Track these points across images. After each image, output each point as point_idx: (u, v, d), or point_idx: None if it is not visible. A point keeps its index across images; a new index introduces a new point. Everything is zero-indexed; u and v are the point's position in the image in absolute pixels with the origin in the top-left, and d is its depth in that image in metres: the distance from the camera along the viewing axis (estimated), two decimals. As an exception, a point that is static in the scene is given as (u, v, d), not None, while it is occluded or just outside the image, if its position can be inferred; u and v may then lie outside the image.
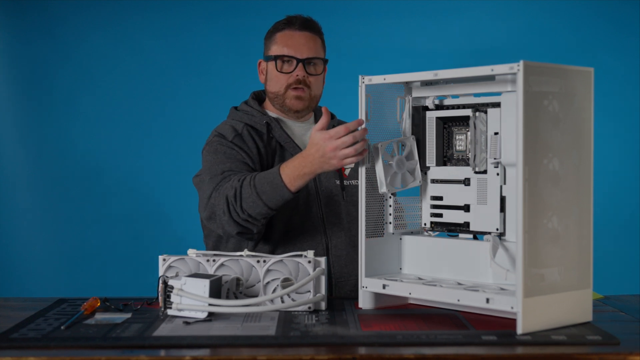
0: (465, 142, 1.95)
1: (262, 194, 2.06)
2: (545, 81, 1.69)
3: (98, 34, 4.09)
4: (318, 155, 1.97)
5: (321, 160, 1.97)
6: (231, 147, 2.27)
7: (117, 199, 4.10)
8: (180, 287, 1.83)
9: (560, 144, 1.72)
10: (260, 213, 2.09)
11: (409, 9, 4.07)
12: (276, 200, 2.07)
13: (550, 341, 1.62)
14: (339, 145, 1.92)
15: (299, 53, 2.34)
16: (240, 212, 2.10)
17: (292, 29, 2.36)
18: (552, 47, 4.01)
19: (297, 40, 2.35)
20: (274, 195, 2.06)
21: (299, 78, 2.33)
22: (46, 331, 1.74)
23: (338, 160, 1.94)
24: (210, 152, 2.29)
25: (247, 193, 2.08)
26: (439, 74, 1.83)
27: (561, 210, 1.72)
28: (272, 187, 2.05)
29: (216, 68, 4.07)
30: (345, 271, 2.33)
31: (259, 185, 2.07)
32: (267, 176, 2.07)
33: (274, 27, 2.40)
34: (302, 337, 1.66)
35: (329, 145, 1.93)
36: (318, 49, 2.38)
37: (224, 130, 2.33)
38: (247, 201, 2.08)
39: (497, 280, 1.84)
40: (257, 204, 2.07)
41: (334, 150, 1.93)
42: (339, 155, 1.93)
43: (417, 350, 1.58)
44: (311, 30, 2.37)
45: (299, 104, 2.36)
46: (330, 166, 1.97)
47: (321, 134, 1.95)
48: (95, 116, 4.10)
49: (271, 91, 2.38)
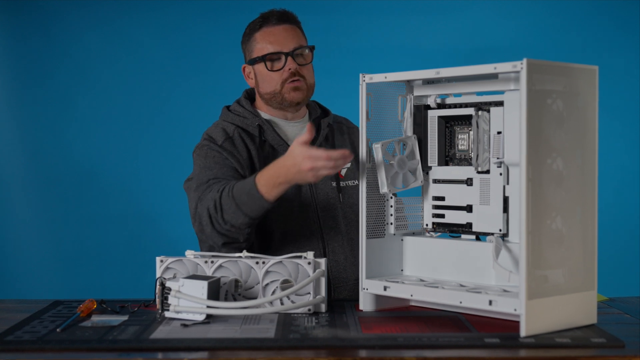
0: (468, 141, 1.93)
1: (241, 205, 2.03)
2: (549, 79, 1.68)
3: (94, 33, 4.08)
4: (294, 170, 1.93)
5: (296, 174, 1.94)
6: (220, 152, 2.24)
7: (114, 199, 4.08)
8: (177, 288, 1.82)
9: (564, 143, 1.71)
10: (243, 223, 2.06)
11: (410, 6, 4.05)
12: (256, 210, 2.03)
13: (554, 344, 1.61)
14: (317, 167, 1.89)
15: (285, 47, 2.29)
16: (222, 223, 2.07)
17: (270, 25, 2.31)
18: (555, 45, 4.00)
19: (278, 35, 2.30)
20: (252, 205, 2.02)
21: (292, 71, 2.29)
22: (42, 334, 1.73)
23: (314, 178, 1.93)
24: (200, 155, 2.27)
25: (227, 204, 2.05)
26: (441, 72, 1.82)
27: (565, 211, 1.71)
28: (249, 198, 2.02)
29: (214, 68, 4.06)
30: (343, 275, 2.30)
31: (237, 196, 2.04)
32: (244, 186, 2.04)
33: (249, 29, 2.35)
34: (302, 340, 1.65)
35: (307, 164, 1.90)
36: (301, 37, 2.33)
37: (214, 133, 2.30)
38: (227, 212, 2.05)
39: (500, 282, 1.82)
40: (237, 214, 2.04)
41: (310, 170, 1.90)
42: (316, 174, 1.91)
43: (419, 353, 1.57)
44: (289, 22, 2.33)
45: (298, 95, 2.31)
46: (305, 181, 1.96)
47: (302, 150, 1.91)
48: (92, 116, 4.08)
49: (266, 92, 2.33)
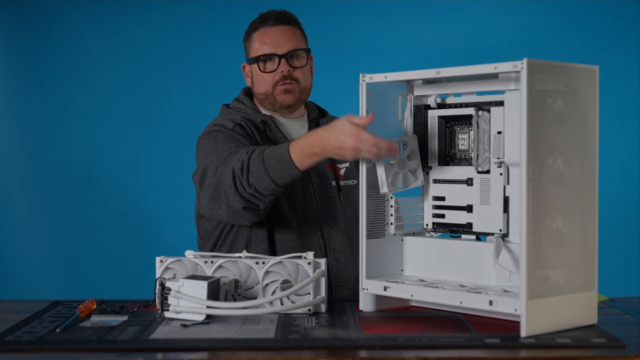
0: (468, 141, 1.93)
1: (270, 170, 1.98)
2: (550, 79, 1.68)
3: (94, 32, 4.07)
4: (336, 145, 1.87)
5: (336, 149, 1.88)
6: (233, 135, 2.21)
7: (114, 199, 4.08)
8: (177, 289, 1.82)
9: (565, 143, 1.70)
10: (267, 189, 2.01)
11: (410, 6, 4.05)
12: (284, 178, 1.98)
13: (555, 344, 1.61)
14: (360, 149, 1.84)
15: (279, 49, 2.28)
16: (246, 186, 2.01)
17: (267, 25, 2.30)
18: (555, 45, 4.00)
19: (274, 36, 2.29)
20: (281, 171, 1.97)
21: (284, 74, 2.28)
22: (41, 334, 1.72)
23: (353, 157, 1.88)
24: (210, 139, 2.22)
25: (254, 166, 2.00)
26: (441, 72, 1.81)
27: (566, 211, 1.70)
28: (280, 164, 1.97)
29: (214, 68, 4.05)
30: (344, 274, 2.30)
31: (268, 160, 1.98)
32: (276, 151, 1.99)
33: (249, 28, 2.35)
34: (302, 340, 1.65)
35: (352, 143, 1.84)
36: (298, 40, 2.32)
37: (222, 122, 2.27)
38: (254, 175, 2.00)
39: (501, 282, 1.82)
40: (264, 179, 1.99)
41: (353, 149, 1.85)
42: (356, 155, 1.86)
43: (419, 353, 1.57)
44: (287, 23, 2.32)
45: (289, 98, 2.30)
46: (342, 157, 1.90)
47: (351, 128, 1.84)
48: (92, 116, 4.08)
49: (259, 92, 2.33)
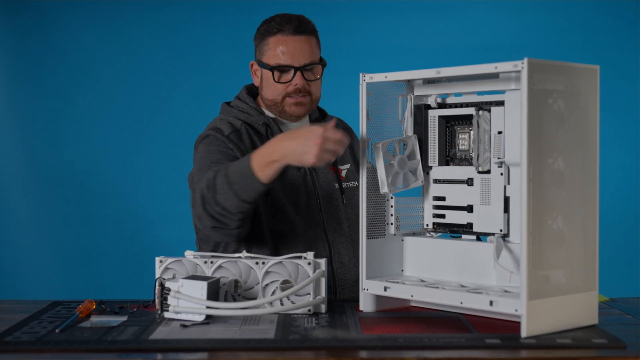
0: (469, 141, 1.93)
1: (234, 184, 1.95)
2: (550, 79, 1.67)
3: (94, 32, 4.07)
4: (301, 141, 1.85)
5: (299, 147, 1.85)
6: (225, 143, 2.20)
7: (114, 200, 4.08)
8: (177, 289, 1.81)
9: (566, 143, 1.70)
10: (234, 205, 1.98)
11: (410, 6, 4.05)
12: (248, 192, 1.96)
13: (555, 344, 1.60)
14: (328, 137, 1.83)
15: (296, 61, 2.23)
16: (214, 204, 1.99)
17: (286, 33, 2.23)
18: (556, 44, 4.00)
19: (292, 47, 2.23)
20: (244, 185, 1.95)
21: (298, 87, 2.24)
22: (40, 334, 1.72)
23: (315, 158, 1.84)
24: (204, 144, 2.22)
25: (220, 183, 1.97)
26: (441, 72, 1.81)
27: (566, 211, 1.70)
28: (242, 177, 1.94)
29: (214, 68, 4.05)
30: (347, 277, 2.29)
31: (231, 175, 1.96)
32: (238, 165, 1.97)
33: (265, 28, 2.27)
34: (302, 341, 1.65)
35: (318, 133, 1.82)
36: (314, 51, 2.27)
37: (221, 124, 2.26)
38: (220, 192, 1.97)
39: (501, 283, 1.82)
40: (229, 195, 1.96)
41: (317, 140, 1.82)
42: (320, 156, 1.84)
43: (419, 353, 1.57)
44: (305, 33, 2.25)
45: (299, 110, 2.28)
46: (302, 160, 1.86)
47: (316, 127, 1.85)
48: (92, 116, 4.08)
49: (267, 98, 2.29)
